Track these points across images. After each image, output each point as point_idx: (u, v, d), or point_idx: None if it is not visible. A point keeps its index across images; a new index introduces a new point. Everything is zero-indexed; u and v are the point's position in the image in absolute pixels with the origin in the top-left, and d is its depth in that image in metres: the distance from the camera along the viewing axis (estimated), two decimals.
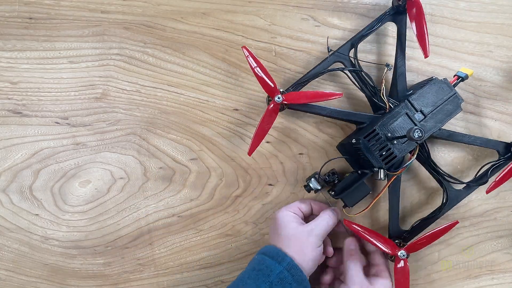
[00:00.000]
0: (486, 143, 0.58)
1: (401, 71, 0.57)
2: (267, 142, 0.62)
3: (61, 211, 0.61)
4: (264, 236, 0.62)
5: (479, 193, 0.62)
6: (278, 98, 0.54)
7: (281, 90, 0.55)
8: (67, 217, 0.61)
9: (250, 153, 0.55)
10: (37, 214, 0.61)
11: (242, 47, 0.54)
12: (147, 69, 0.61)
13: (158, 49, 0.61)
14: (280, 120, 0.62)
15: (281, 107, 0.55)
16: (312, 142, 0.62)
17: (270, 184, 0.62)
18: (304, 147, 0.62)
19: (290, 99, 0.54)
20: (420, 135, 0.48)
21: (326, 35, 0.61)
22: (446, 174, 0.58)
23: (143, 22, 0.61)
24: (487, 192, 0.56)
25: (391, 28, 0.62)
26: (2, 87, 0.61)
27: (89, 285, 0.62)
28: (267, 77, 0.54)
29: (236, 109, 0.62)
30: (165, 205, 0.62)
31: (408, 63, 0.62)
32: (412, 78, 0.62)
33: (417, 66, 0.62)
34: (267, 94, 0.55)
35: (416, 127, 0.49)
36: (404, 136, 0.51)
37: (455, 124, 0.62)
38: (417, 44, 0.61)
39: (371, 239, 0.55)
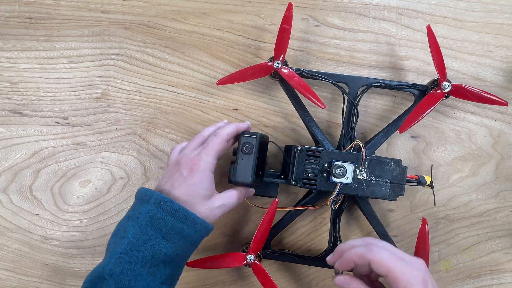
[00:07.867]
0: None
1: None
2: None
3: (61, 211, 0.61)
4: None
5: (479, 193, 0.62)
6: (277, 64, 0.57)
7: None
8: (67, 217, 0.61)
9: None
10: (37, 214, 0.61)
11: None
12: (147, 69, 0.61)
13: (158, 49, 0.61)
14: (280, 120, 0.62)
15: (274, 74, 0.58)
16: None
17: None
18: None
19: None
20: (340, 174, 0.52)
21: (326, 35, 0.62)
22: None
23: (143, 22, 0.61)
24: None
25: (391, 28, 0.62)
26: (2, 87, 0.61)
27: None
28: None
29: (236, 109, 0.62)
30: None
31: (408, 63, 0.62)
32: (412, 78, 0.62)
33: (417, 66, 0.62)
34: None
35: (340, 166, 0.52)
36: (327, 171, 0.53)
37: (455, 124, 0.62)
38: (416, 44, 0.62)
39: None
